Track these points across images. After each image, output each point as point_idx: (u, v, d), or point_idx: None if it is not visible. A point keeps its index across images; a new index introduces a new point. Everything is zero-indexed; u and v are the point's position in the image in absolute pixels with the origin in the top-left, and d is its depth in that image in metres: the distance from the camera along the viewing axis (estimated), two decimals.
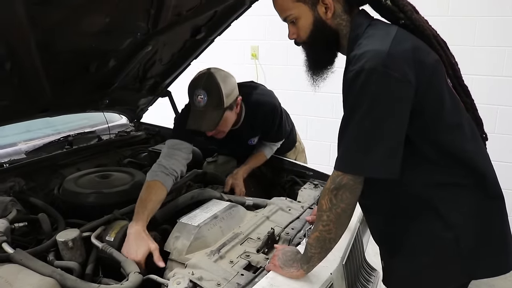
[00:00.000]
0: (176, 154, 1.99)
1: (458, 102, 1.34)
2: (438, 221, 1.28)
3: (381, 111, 1.17)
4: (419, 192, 1.30)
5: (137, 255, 1.55)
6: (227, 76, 2.07)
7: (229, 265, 1.52)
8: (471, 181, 1.29)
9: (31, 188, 2.13)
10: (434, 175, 1.29)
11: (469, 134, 1.32)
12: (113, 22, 1.83)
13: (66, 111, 2.45)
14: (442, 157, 1.27)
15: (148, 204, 1.75)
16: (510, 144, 3.75)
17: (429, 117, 1.25)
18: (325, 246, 1.36)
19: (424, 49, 1.27)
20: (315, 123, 4.14)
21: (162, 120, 3.17)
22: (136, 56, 2.23)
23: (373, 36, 1.25)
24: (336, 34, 1.37)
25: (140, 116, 3.11)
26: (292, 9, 1.35)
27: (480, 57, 3.68)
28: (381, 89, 1.16)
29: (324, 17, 1.34)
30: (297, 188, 2.36)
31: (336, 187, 1.26)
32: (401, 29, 1.29)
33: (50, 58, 1.79)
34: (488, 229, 1.30)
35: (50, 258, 1.57)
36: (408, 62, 1.18)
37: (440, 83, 1.27)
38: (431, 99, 1.24)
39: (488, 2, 3.58)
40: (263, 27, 4.25)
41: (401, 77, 1.16)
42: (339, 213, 1.28)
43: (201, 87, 1.98)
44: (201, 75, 2.02)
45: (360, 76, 1.17)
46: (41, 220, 1.76)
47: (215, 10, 2.25)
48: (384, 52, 1.17)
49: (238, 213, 1.87)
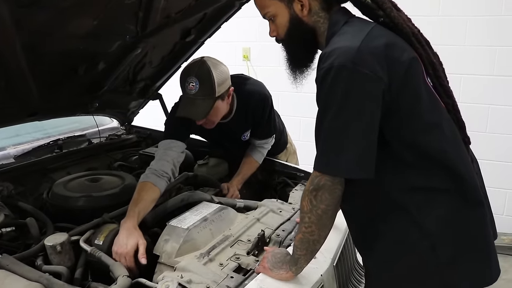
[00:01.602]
0: (166, 154, 1.98)
1: (438, 102, 1.30)
2: (414, 228, 1.24)
3: (352, 108, 1.16)
4: (395, 196, 1.26)
5: (127, 247, 1.56)
6: (220, 65, 2.06)
7: (219, 267, 1.51)
8: (449, 185, 1.23)
9: (20, 192, 2.11)
10: (410, 179, 1.25)
11: (449, 135, 1.28)
12: (101, 25, 1.82)
13: (55, 114, 2.43)
14: (419, 159, 1.24)
15: (139, 203, 1.76)
16: (501, 143, 3.76)
17: (405, 115, 1.22)
18: (310, 247, 1.34)
19: (400, 46, 1.25)
20: (307, 124, 4.14)
21: (153, 123, 3.16)
22: (125, 59, 2.22)
23: (346, 33, 1.25)
24: (313, 31, 1.37)
25: (131, 119, 3.09)
26: (270, 6, 1.36)
27: (471, 57, 3.70)
28: (350, 86, 1.15)
29: (300, 14, 1.34)
30: (289, 190, 2.35)
31: (315, 188, 1.24)
32: (378, 26, 1.28)
33: (36, 60, 1.78)
34: (468, 238, 1.24)
35: (38, 262, 1.55)
36: (379, 59, 1.17)
37: (416, 80, 1.24)
38: (406, 96, 1.21)
39: (479, 2, 3.60)
40: (254, 29, 4.25)
41: (371, 73, 1.15)
42: (320, 214, 1.26)
43: (193, 74, 1.98)
44: (194, 63, 2.02)
45: (330, 73, 1.17)
46: (29, 225, 1.74)
47: (205, 12, 2.24)
48: (354, 48, 1.16)
49: (228, 215, 1.86)
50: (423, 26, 1.36)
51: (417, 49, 1.29)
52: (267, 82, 2.28)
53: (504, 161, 3.78)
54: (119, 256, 1.57)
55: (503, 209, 3.84)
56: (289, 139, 2.89)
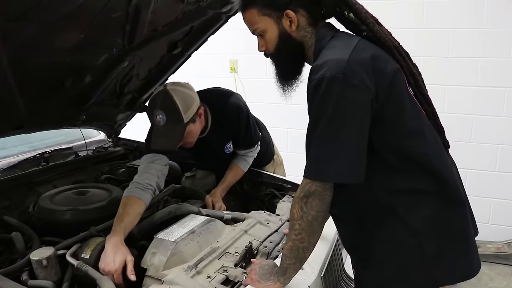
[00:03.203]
0: (150, 167, 1.98)
1: (419, 109, 1.38)
2: (402, 228, 1.31)
3: (343, 116, 1.22)
4: (383, 199, 1.33)
5: (115, 264, 1.55)
6: (184, 90, 2.04)
7: (207, 280, 1.51)
8: (433, 187, 1.32)
9: (6, 206, 2.09)
10: (397, 182, 1.32)
11: (430, 140, 1.35)
12: (88, 38, 1.83)
13: (41, 127, 2.41)
14: (404, 163, 1.31)
15: (124, 218, 1.75)
16: (484, 152, 3.82)
17: (390, 123, 1.29)
18: (299, 255, 1.36)
19: (384, 58, 1.32)
20: (294, 135, 4.17)
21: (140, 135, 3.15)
22: (112, 72, 2.23)
23: (335, 47, 1.31)
24: (301, 46, 1.43)
25: (118, 132, 3.08)
26: (259, 22, 1.42)
27: (454, 68, 3.76)
28: (341, 96, 1.21)
29: (289, 30, 1.40)
30: (276, 201, 2.36)
31: (305, 194, 1.28)
32: (363, 40, 1.35)
33: (23, 74, 1.77)
34: (451, 235, 1.33)
35: (24, 277, 1.53)
36: (367, 70, 1.23)
37: (400, 90, 1.31)
38: (391, 105, 1.28)
39: (461, 15, 3.67)
40: (241, 41, 4.27)
41: (360, 84, 1.21)
42: (310, 221, 1.30)
43: (158, 107, 1.96)
44: (157, 94, 2.00)
45: (322, 84, 1.22)
46: (15, 239, 1.72)
47: (191, 26, 2.26)
48: (344, 60, 1.22)
49: (215, 228, 1.86)
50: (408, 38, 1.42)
51: (398, 60, 1.36)
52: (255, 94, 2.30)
53: (488, 170, 3.83)
54: (107, 274, 1.55)
55: (488, 217, 3.89)
56: (275, 150, 2.90)
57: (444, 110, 3.72)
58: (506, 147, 3.76)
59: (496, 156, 3.80)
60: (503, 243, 3.80)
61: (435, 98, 1.45)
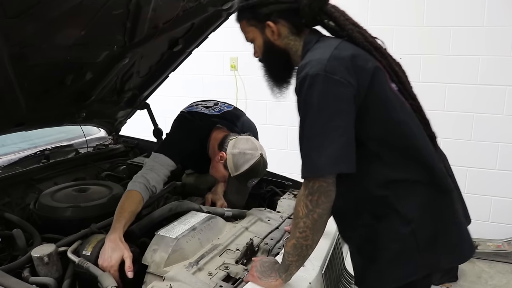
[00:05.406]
0: (160, 170, 1.96)
1: (404, 103, 1.43)
2: (396, 217, 1.36)
3: (328, 110, 1.29)
4: (375, 191, 1.37)
5: (111, 260, 1.57)
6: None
7: (208, 277, 1.52)
8: (422, 176, 1.37)
9: (6, 203, 2.09)
10: (387, 173, 1.37)
11: (416, 131, 1.41)
12: (89, 35, 1.83)
13: (42, 124, 2.42)
14: (392, 154, 1.37)
15: (127, 215, 1.75)
16: (485, 150, 3.82)
17: (375, 115, 1.35)
18: (302, 253, 1.38)
19: (364, 56, 1.38)
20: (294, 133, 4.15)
21: (141, 132, 3.16)
22: (113, 69, 2.23)
23: (318, 48, 1.41)
24: (285, 52, 1.53)
25: (118, 129, 3.08)
26: (248, 32, 1.58)
27: (455, 66, 3.76)
28: (324, 91, 1.28)
29: (272, 38, 1.52)
30: (277, 199, 2.36)
31: (310, 192, 1.31)
32: (345, 42, 1.42)
33: (24, 71, 1.77)
34: (443, 221, 1.38)
35: (25, 274, 1.54)
36: (347, 67, 1.31)
37: (382, 85, 1.38)
38: (375, 98, 1.35)
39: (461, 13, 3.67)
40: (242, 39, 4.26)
41: (341, 79, 1.29)
42: (316, 219, 1.32)
43: (258, 176, 2.08)
44: (258, 164, 2.03)
45: (306, 81, 1.31)
46: (16, 236, 1.73)
47: (192, 23, 2.26)
48: (325, 59, 1.31)
49: (216, 225, 1.86)
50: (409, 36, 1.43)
51: (380, 60, 1.42)
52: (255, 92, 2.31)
53: (489, 168, 3.83)
54: (104, 270, 1.56)
55: (488, 216, 3.89)
56: None
57: (444, 108, 3.74)
58: (507, 145, 3.76)
59: (497, 154, 3.80)
60: (503, 241, 3.80)
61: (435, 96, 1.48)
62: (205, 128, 2.19)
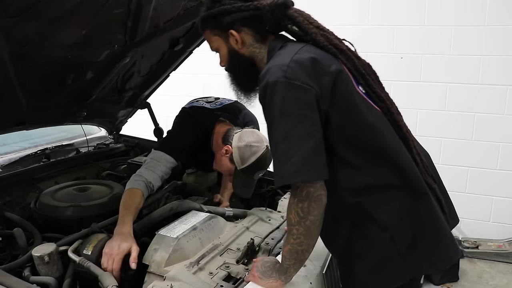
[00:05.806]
0: (158, 167, 1.97)
1: (372, 106, 1.40)
2: (373, 224, 1.33)
3: (291, 117, 1.26)
4: (350, 199, 1.35)
5: (119, 249, 1.57)
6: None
7: (208, 276, 1.51)
8: (395, 180, 1.34)
9: (7, 202, 2.09)
10: (359, 180, 1.34)
11: (386, 134, 1.38)
12: (90, 34, 1.83)
13: (43, 123, 2.42)
14: (363, 159, 1.34)
15: (133, 210, 1.78)
16: (486, 150, 3.81)
17: (343, 119, 1.32)
18: (299, 257, 1.37)
19: (326, 59, 1.36)
20: None
21: (142, 132, 3.15)
22: (114, 68, 2.23)
23: (280, 55, 1.39)
24: (251, 60, 1.52)
25: (119, 128, 3.08)
26: (213, 41, 1.56)
27: (456, 66, 3.75)
28: (286, 97, 1.26)
29: (236, 47, 1.51)
30: (278, 198, 2.36)
31: (300, 199, 1.27)
32: (308, 45, 1.41)
33: (25, 70, 1.78)
34: (422, 225, 1.35)
35: (25, 273, 1.54)
36: (307, 72, 1.29)
37: (347, 88, 1.35)
38: (341, 102, 1.32)
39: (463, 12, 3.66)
40: None
41: (302, 84, 1.27)
42: (308, 226, 1.29)
43: (266, 167, 2.05)
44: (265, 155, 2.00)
45: (267, 90, 1.29)
46: (16, 235, 1.73)
47: (193, 22, 2.26)
48: (285, 65, 1.29)
49: (217, 224, 1.86)
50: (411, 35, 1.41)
51: (345, 63, 1.39)
52: None
53: (490, 168, 3.82)
54: (108, 256, 1.57)
55: (489, 215, 3.87)
56: None
57: (445, 108, 3.73)
58: (508, 145, 3.75)
59: (498, 154, 3.79)
60: (504, 241, 3.79)
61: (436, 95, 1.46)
62: (208, 121, 2.19)
